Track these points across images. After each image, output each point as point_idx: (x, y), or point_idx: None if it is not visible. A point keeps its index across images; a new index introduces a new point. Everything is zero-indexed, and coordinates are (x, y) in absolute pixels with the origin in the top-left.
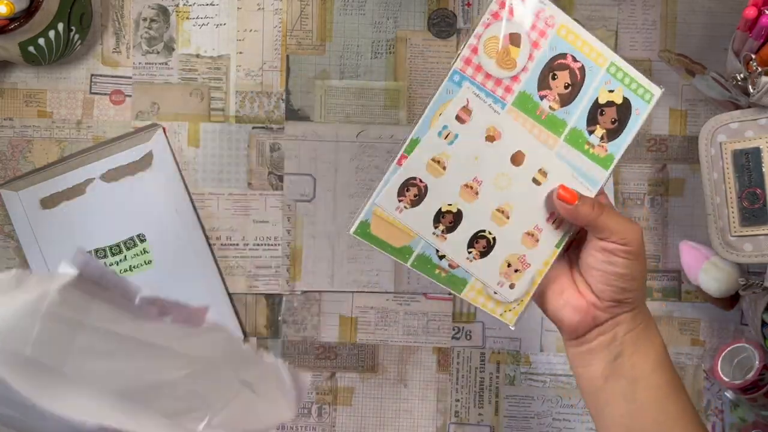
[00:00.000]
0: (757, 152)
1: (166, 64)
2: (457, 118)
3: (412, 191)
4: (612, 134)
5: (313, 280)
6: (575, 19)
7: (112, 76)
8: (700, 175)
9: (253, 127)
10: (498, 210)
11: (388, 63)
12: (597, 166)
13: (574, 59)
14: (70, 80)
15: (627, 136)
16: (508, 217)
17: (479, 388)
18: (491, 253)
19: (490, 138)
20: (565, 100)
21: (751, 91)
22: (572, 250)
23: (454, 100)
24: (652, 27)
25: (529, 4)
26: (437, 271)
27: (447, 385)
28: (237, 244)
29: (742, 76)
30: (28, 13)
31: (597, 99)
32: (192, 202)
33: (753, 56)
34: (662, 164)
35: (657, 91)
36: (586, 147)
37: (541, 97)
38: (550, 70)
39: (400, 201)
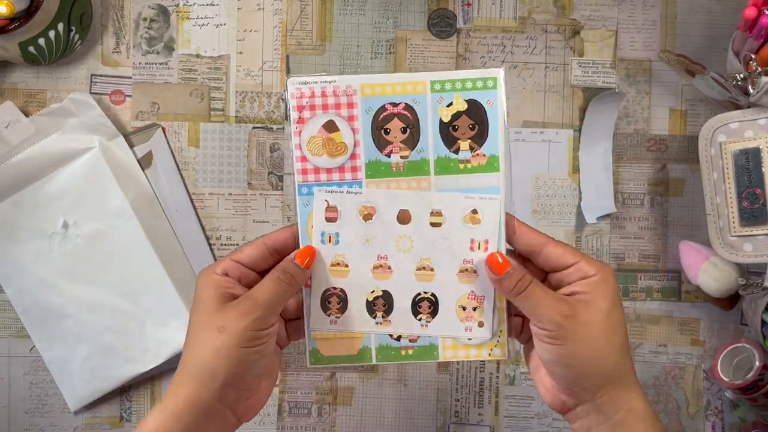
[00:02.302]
0: (757, 152)
1: (166, 64)
2: (328, 220)
3: (334, 301)
4: (479, 138)
5: None
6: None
7: (112, 76)
8: (700, 175)
9: (253, 127)
10: (419, 269)
11: (388, 63)
12: (486, 174)
13: (394, 104)
14: (70, 80)
15: (496, 130)
16: (432, 270)
17: (479, 388)
18: (440, 309)
19: (368, 217)
20: (412, 142)
21: (751, 91)
22: None
23: (314, 208)
24: (652, 27)
25: (318, 90)
26: (403, 353)
27: (447, 385)
28: (237, 244)
29: (741, 76)
30: (28, 13)
31: (441, 120)
32: (192, 202)
33: (753, 56)
34: (662, 164)
35: (498, 72)
36: (462, 166)
37: (388, 155)
38: (379, 128)
39: (329, 315)
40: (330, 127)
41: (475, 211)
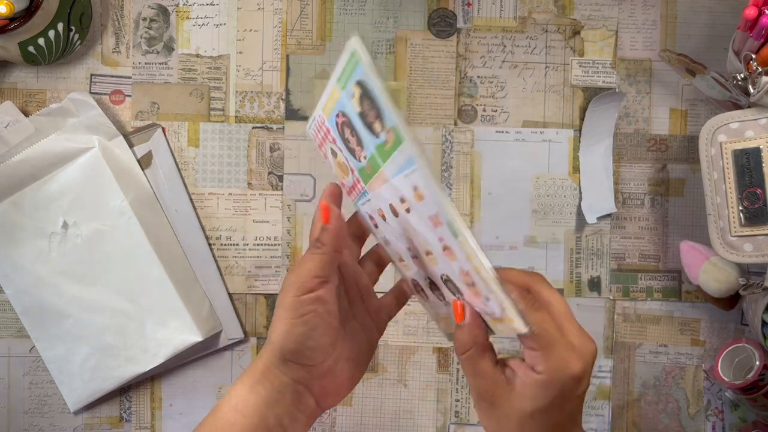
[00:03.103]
0: (757, 152)
1: (166, 64)
2: (375, 227)
3: (419, 290)
4: (379, 115)
5: None
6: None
7: (112, 76)
8: (701, 175)
9: (253, 127)
10: (428, 253)
11: (388, 63)
12: (398, 150)
13: (338, 116)
14: (69, 80)
15: (381, 99)
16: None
17: None
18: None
19: (385, 216)
20: (359, 142)
21: (752, 91)
22: None
23: (366, 221)
24: (653, 27)
25: (315, 128)
26: None
27: (447, 385)
28: (237, 244)
29: (742, 76)
30: (28, 13)
31: (357, 113)
32: (192, 202)
33: (753, 56)
34: (662, 164)
35: (352, 45)
36: (386, 149)
37: (359, 159)
38: (345, 140)
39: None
40: (333, 153)
41: (415, 188)
